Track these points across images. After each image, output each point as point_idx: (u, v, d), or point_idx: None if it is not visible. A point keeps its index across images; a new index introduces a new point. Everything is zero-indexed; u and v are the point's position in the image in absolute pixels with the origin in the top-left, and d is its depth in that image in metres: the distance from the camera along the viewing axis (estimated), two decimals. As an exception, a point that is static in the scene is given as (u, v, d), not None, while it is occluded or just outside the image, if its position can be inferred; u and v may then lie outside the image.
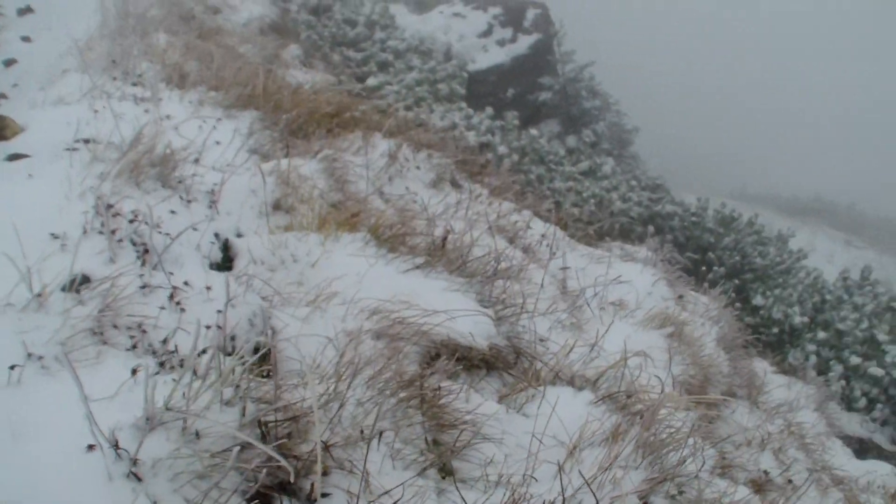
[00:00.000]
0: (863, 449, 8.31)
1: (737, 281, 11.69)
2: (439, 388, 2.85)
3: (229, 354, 2.62)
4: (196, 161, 4.15)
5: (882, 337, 9.14)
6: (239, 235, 3.73)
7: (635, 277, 5.00)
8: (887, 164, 68.56)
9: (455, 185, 5.41)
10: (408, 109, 10.88)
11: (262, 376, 2.55)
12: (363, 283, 3.44)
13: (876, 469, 6.97)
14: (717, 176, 51.69)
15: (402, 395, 2.72)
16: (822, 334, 9.15)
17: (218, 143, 4.55)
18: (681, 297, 5.73)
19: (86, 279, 2.81)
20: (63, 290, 2.70)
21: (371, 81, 11.04)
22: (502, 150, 9.78)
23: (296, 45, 12.56)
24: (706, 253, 11.95)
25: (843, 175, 62.59)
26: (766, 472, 4.46)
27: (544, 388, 3.24)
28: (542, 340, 3.76)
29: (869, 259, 35.19)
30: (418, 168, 5.17)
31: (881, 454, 8.40)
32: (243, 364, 2.19)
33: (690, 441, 3.01)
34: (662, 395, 3.20)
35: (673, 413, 3.28)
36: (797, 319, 9.31)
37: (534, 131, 11.40)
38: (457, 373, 3.31)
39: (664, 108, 59.57)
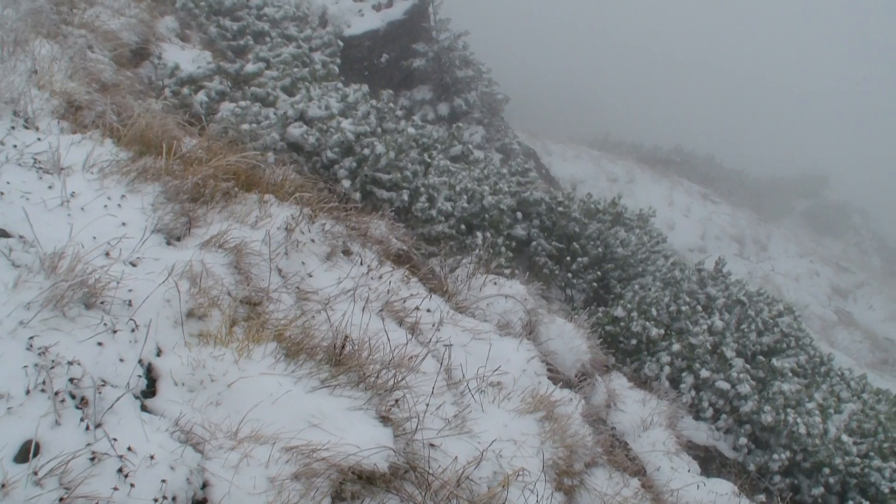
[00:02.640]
0: (708, 458, 9.32)
1: (599, 272, 12.58)
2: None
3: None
4: (107, 254, 4.52)
5: (729, 353, 10.14)
6: (158, 353, 4.16)
7: (512, 356, 5.67)
8: (746, 116, 71.49)
9: (347, 253, 5.92)
10: (286, 93, 11.22)
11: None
12: (277, 408, 3.96)
13: (717, 489, 7.90)
14: (583, 123, 52.99)
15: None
16: (676, 346, 10.10)
17: (124, 224, 4.90)
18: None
19: (37, 448, 3.24)
20: (14, 460, 3.13)
21: (250, 68, 11.29)
22: (380, 148, 10.24)
23: (171, 17, 12.67)
24: (571, 242, 12.74)
25: (704, 127, 64.92)
26: (622, 538, 5.21)
27: (439, 511, 3.87)
28: (433, 447, 4.37)
29: (723, 214, 37.21)
30: (313, 241, 5.65)
31: (724, 462, 9.44)
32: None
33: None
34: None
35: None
36: (654, 332, 10.22)
37: (410, 129, 11.81)
38: (362, 496, 3.91)
39: (535, 49, 60.63)
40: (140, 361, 4.00)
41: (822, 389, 11.25)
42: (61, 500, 3.04)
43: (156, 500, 3.20)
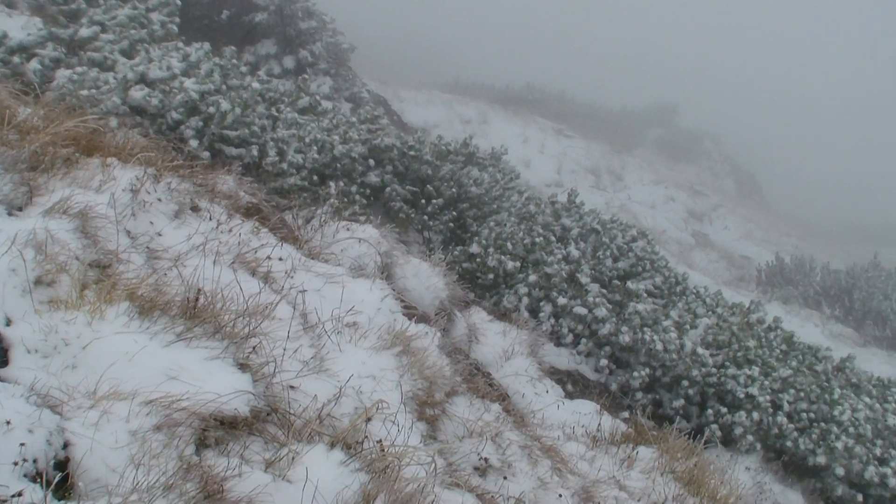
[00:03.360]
0: (572, 381, 9.75)
1: (454, 212, 12.85)
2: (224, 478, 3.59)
3: (35, 481, 3.25)
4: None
5: (584, 279, 10.56)
6: (8, 323, 4.21)
7: (366, 297, 5.87)
8: (596, 49, 72.68)
9: (196, 209, 6.00)
10: (125, 56, 11.07)
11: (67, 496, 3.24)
12: (134, 364, 4.07)
13: (580, 409, 8.29)
14: (433, 68, 53.09)
15: (190, 489, 3.45)
16: (532, 277, 10.46)
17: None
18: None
19: None
20: None
21: (84, 32, 11.08)
22: (225, 105, 10.25)
23: (-5, -19, 12.29)
24: (425, 185, 12.97)
25: (555, 63, 65.76)
26: (485, 460, 5.48)
27: (299, 447, 4.05)
28: (292, 388, 4.54)
29: (578, 148, 38.03)
30: (160, 200, 5.71)
31: (586, 384, 9.88)
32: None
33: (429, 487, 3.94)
34: (403, 447, 4.13)
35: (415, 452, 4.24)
36: (510, 265, 10.56)
37: (255, 84, 11.81)
38: (225, 441, 4.06)
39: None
40: (-11, 332, 4.05)
41: (678, 307, 11.80)
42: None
43: (16, 464, 3.29)
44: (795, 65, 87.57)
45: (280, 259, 5.84)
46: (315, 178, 11.42)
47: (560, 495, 5.65)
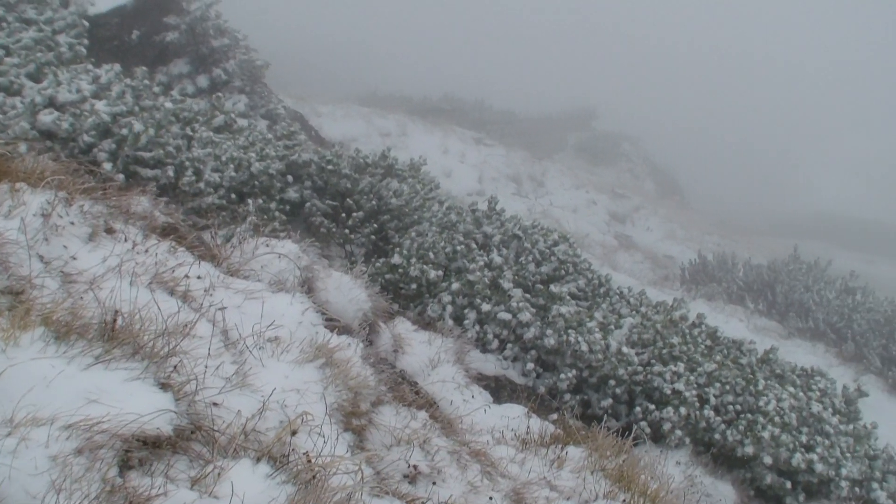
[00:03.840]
0: (499, 387, 9.85)
1: (375, 225, 12.91)
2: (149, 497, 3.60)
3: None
4: None
5: (507, 285, 10.68)
6: (-81, 352, 4.17)
7: (286, 311, 5.89)
8: (512, 57, 73.24)
9: (110, 231, 5.97)
10: (32, 79, 10.95)
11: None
12: (52, 389, 4.05)
13: (509, 413, 8.38)
14: (350, 82, 53.15)
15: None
16: (455, 285, 10.56)
17: None
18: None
19: None
20: None
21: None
22: (138, 127, 10.20)
23: None
24: (345, 199, 13.01)
25: (473, 71, 66.11)
26: (414, 467, 5.54)
27: (224, 463, 4.07)
28: (216, 405, 4.55)
29: (498, 156, 38.34)
30: (73, 224, 5.68)
31: (514, 389, 9.99)
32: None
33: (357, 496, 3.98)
34: (329, 457, 4.17)
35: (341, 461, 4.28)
36: (433, 274, 10.65)
37: (168, 104, 11.75)
38: (149, 461, 4.06)
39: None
40: None
41: (603, 309, 12.00)
42: None
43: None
44: (712, 61, 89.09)
45: (198, 277, 5.85)
46: (233, 196, 11.41)
47: (490, 498, 5.72)
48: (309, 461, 4.25)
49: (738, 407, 11.02)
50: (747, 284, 28.93)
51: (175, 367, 4.59)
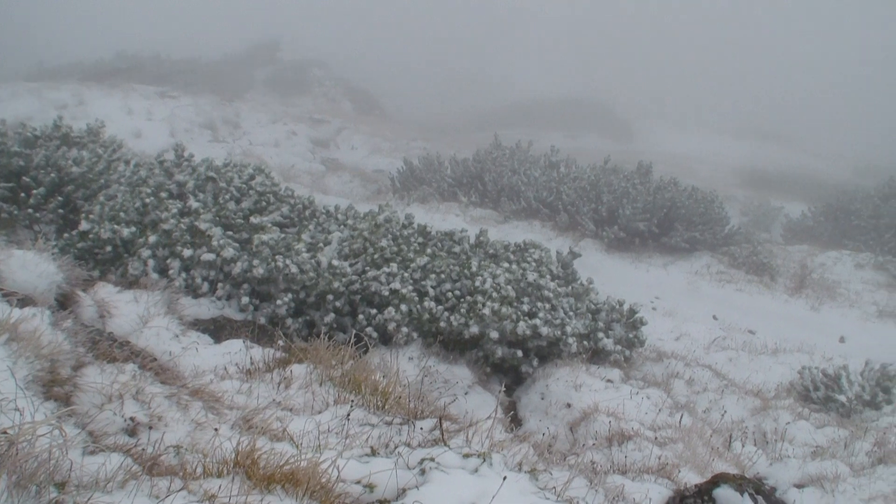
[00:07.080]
0: (218, 327, 9.85)
1: (60, 198, 12.44)
2: None
3: None
4: None
5: (204, 226, 10.62)
6: None
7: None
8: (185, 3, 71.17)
9: None
10: None
11: None
12: None
13: (230, 349, 8.46)
14: (9, 58, 50.25)
15: None
16: (153, 238, 10.41)
17: None
18: None
19: None
20: None
21: None
22: None
23: None
24: (20, 178, 12.45)
25: (142, 25, 63.99)
26: (132, 419, 5.54)
27: None
28: None
29: (186, 106, 37.49)
30: None
31: (235, 326, 10.01)
32: None
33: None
34: (27, 424, 4.10)
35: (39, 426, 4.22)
36: (126, 232, 10.44)
37: None
38: None
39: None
40: None
41: (310, 230, 12.14)
42: None
43: None
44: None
45: None
46: None
47: (216, 429, 5.79)
48: (4, 432, 4.17)
49: (458, 292, 11.50)
50: (456, 180, 29.89)
51: None
